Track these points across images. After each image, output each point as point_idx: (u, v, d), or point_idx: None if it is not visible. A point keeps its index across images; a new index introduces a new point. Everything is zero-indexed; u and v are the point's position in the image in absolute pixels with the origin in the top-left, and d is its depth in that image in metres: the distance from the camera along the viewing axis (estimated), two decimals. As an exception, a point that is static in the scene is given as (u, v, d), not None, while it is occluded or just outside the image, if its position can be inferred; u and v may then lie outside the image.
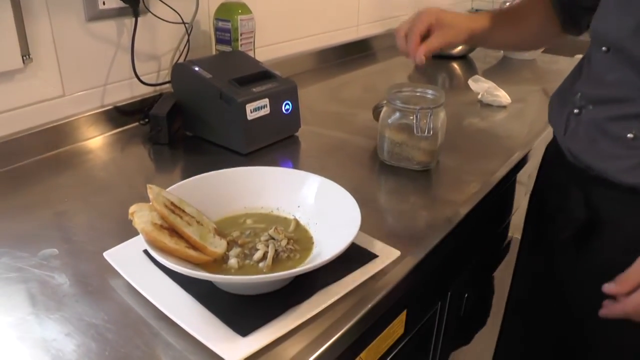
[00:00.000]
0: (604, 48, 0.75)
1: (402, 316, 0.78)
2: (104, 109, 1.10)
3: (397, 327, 0.77)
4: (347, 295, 0.64)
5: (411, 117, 0.92)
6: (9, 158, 0.96)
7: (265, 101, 1.01)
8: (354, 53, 1.80)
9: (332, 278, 0.65)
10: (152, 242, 0.59)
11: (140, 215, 0.59)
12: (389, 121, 0.95)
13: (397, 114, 0.94)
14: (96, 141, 1.08)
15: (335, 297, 0.63)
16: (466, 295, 1.05)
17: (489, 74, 1.52)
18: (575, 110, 0.81)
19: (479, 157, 1.05)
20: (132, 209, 0.61)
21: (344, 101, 1.38)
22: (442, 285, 0.95)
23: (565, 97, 0.85)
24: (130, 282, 0.64)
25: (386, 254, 0.70)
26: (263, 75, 1.06)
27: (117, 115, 1.12)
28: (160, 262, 0.57)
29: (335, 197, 0.71)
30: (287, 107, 1.06)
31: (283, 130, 1.09)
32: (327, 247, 0.66)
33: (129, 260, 0.67)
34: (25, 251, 0.73)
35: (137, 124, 1.15)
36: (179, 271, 0.56)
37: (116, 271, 0.67)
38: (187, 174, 0.97)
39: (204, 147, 1.06)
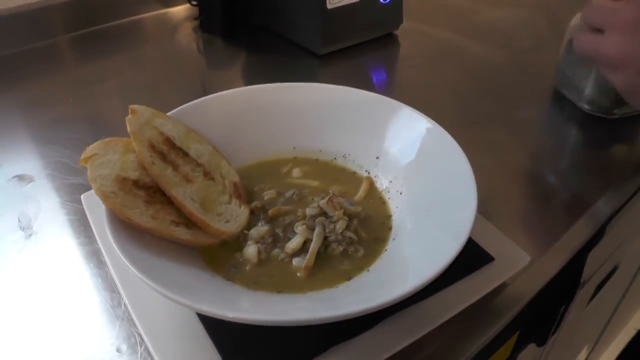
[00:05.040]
0: None
1: (512, 340, 0.51)
2: (145, -19, 0.87)
3: (501, 356, 0.51)
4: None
5: None
6: (18, 37, 0.76)
7: (355, -16, 0.76)
8: None
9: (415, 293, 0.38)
10: (114, 213, 0.35)
11: (100, 165, 0.35)
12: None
13: None
14: (133, 23, 0.87)
15: (419, 334, 0.36)
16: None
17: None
18: None
19: None
20: (88, 150, 0.36)
21: (465, -8, 1.05)
22: (570, 287, 0.65)
23: None
24: (102, 250, 0.42)
25: (508, 258, 0.42)
26: (356, -55, 0.80)
27: (164, -9, 0.89)
28: (119, 254, 0.33)
29: (442, 157, 0.42)
30: (386, -6, 0.80)
31: (377, 27, 0.84)
32: (413, 244, 0.39)
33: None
34: (-5, 172, 0.54)
35: (187, 4, 0.89)
36: (144, 281, 0.32)
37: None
38: (246, 76, 0.73)
39: (269, 43, 0.82)
